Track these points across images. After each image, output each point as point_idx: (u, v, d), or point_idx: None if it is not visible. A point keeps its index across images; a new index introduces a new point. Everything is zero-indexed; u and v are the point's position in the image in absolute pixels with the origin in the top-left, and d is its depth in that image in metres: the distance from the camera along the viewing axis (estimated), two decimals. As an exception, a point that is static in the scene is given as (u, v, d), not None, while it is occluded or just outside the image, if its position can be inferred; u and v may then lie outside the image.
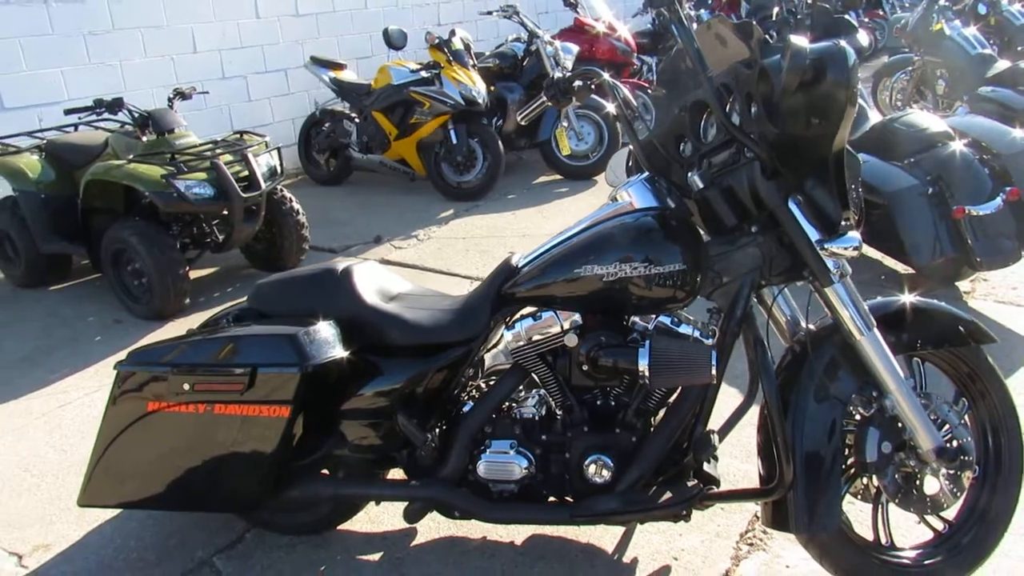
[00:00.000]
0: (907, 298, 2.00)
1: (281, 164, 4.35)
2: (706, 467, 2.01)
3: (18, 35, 5.03)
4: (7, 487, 2.71)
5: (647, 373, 1.84)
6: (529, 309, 2.02)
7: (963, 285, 3.88)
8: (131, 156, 4.01)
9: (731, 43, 1.87)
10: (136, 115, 4.14)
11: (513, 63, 6.33)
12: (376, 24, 7.06)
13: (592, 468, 1.96)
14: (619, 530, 2.26)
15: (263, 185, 4.09)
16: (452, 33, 6.05)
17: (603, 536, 2.25)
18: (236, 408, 1.96)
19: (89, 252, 4.24)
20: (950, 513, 2.03)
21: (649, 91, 6.94)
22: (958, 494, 1.95)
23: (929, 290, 3.78)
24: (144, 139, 4.12)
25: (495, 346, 2.22)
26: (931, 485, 1.93)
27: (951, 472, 1.93)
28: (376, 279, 2.21)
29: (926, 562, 1.97)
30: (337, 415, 2.11)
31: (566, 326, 1.96)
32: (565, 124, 5.23)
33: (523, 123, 2.34)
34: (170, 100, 4.39)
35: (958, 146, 3.63)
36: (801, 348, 1.94)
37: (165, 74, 5.78)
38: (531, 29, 6.03)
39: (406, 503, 2.11)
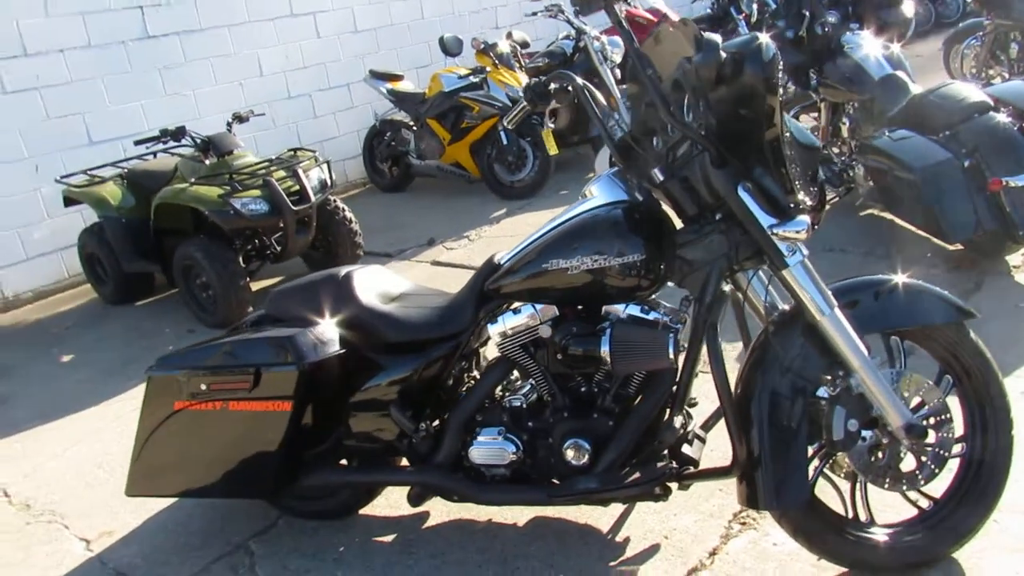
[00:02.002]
0: (883, 277, 2.01)
1: (331, 176, 4.62)
2: (686, 448, 2.09)
3: (101, 75, 5.52)
4: (82, 481, 3.04)
5: (608, 359, 1.94)
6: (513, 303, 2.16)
7: (1013, 259, 3.72)
8: (193, 179, 4.36)
9: (681, 40, 1.94)
10: (198, 141, 4.49)
11: (563, 60, 6.42)
12: (433, 33, 7.28)
13: (571, 451, 2.07)
14: (616, 510, 2.35)
15: (313, 198, 4.36)
16: (509, 35, 6.19)
17: (601, 517, 2.35)
18: (247, 404, 2.18)
19: (164, 269, 4.62)
20: (938, 491, 2.03)
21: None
22: (936, 471, 1.95)
23: (975, 265, 3.66)
24: (207, 162, 4.47)
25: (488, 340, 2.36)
26: (907, 462, 1.95)
27: (930, 450, 1.94)
28: (377, 282, 2.38)
29: (905, 539, 1.98)
30: (347, 408, 2.30)
31: (542, 318, 2.09)
32: (552, 125, 5.25)
33: (510, 127, 2.46)
34: (229, 124, 4.74)
35: (997, 116, 3.51)
36: (776, 328, 1.99)
37: (235, 98, 6.19)
38: (577, 26, 6.11)
39: (408, 488, 2.28)
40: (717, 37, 1.67)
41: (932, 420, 1.94)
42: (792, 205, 1.83)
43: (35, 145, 5.28)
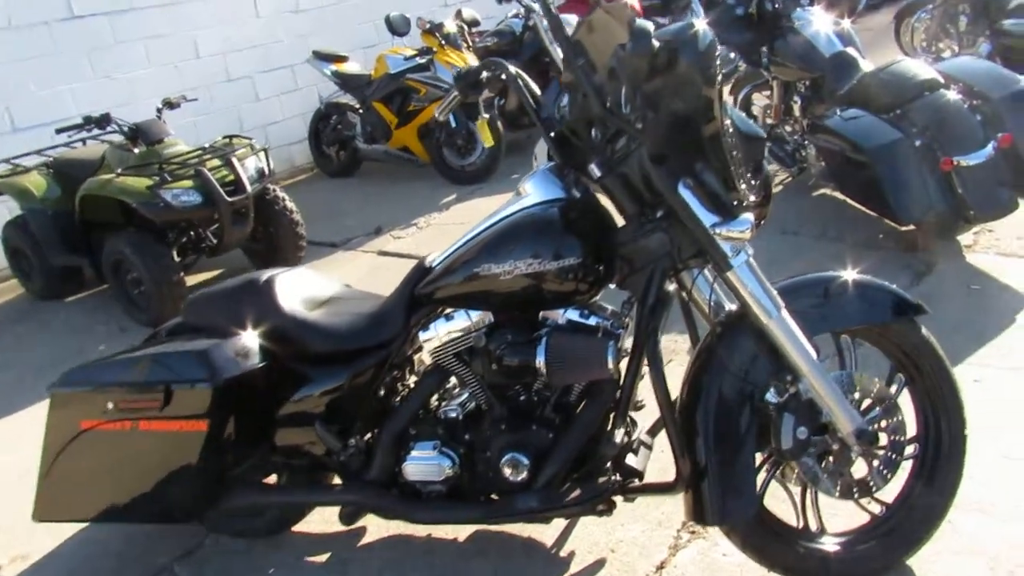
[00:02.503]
0: (831, 274, 1.91)
1: (269, 165, 4.41)
2: (630, 459, 1.98)
3: (24, 58, 5.21)
4: (2, 496, 2.85)
5: (544, 370, 1.82)
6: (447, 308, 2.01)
7: (965, 238, 3.68)
8: (120, 169, 4.12)
9: (615, 26, 1.80)
10: (125, 128, 4.24)
11: (512, 40, 6.25)
12: (380, 12, 6.99)
13: (508, 467, 1.95)
14: (561, 523, 2.24)
15: (249, 188, 4.16)
16: (459, 13, 5.98)
17: (545, 530, 2.24)
18: (158, 424, 2.01)
19: (92, 264, 4.39)
20: (891, 495, 1.95)
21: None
22: (889, 476, 1.87)
23: (928, 247, 3.61)
24: (136, 151, 4.23)
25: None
26: (859, 468, 1.87)
27: (882, 454, 1.86)
28: (303, 286, 2.22)
29: (858, 548, 1.90)
30: (274, 422, 2.15)
31: (476, 325, 1.95)
32: (487, 116, 5.05)
33: (441, 119, 2.31)
34: (159, 110, 4.49)
35: (948, 94, 3.44)
36: (721, 331, 1.88)
37: (171, 82, 5.90)
38: (526, 4, 5.92)
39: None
40: (648, 24, 1.53)
41: (884, 423, 1.86)
42: (735, 202, 1.71)
43: (-48, 135, 4.98)
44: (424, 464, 2.03)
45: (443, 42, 5.57)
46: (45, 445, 2.16)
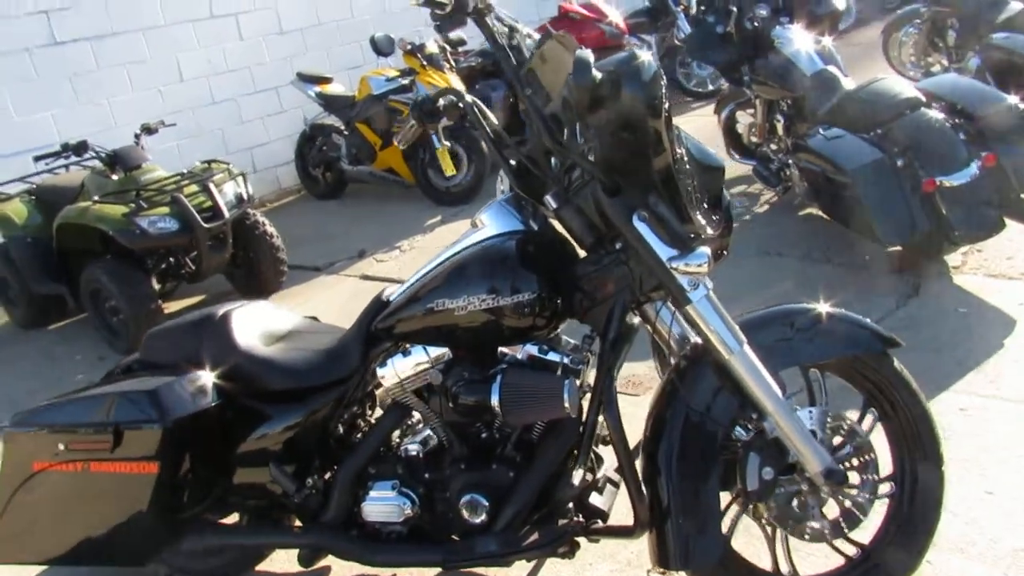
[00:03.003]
0: (798, 306, 1.86)
1: (247, 190, 4.37)
2: (595, 498, 1.92)
3: (4, 84, 5.19)
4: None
5: (498, 410, 1.76)
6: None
7: (953, 259, 3.62)
8: (98, 196, 4.09)
9: (565, 56, 1.75)
10: (103, 155, 4.21)
11: (495, 59, 6.22)
12: (364, 32, 7.00)
13: (466, 509, 1.88)
14: (528, 562, 2.17)
15: (227, 214, 4.11)
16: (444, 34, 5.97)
17: (514, 567, 2.16)
18: (109, 465, 1.95)
19: (71, 292, 4.34)
20: (867, 536, 1.89)
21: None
22: (862, 517, 1.80)
23: (914, 267, 3.55)
24: (114, 177, 4.20)
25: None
26: (829, 508, 1.80)
27: (854, 494, 1.79)
28: (261, 321, 2.17)
29: (831, 591, 1.84)
30: (231, 461, 2.09)
31: (434, 361, 1.89)
32: (448, 143, 5.00)
33: (402, 147, 2.26)
34: (137, 136, 4.46)
35: (929, 112, 3.39)
36: (683, 367, 1.83)
37: (154, 106, 5.87)
38: (509, 24, 5.90)
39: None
40: (589, 55, 1.49)
41: (855, 461, 1.80)
42: (691, 235, 1.66)
43: (-68, 162, 4.95)
44: (382, 504, 1.97)
45: (425, 63, 5.55)
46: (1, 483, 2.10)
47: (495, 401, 1.76)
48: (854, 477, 1.79)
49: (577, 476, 1.81)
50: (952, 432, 2.42)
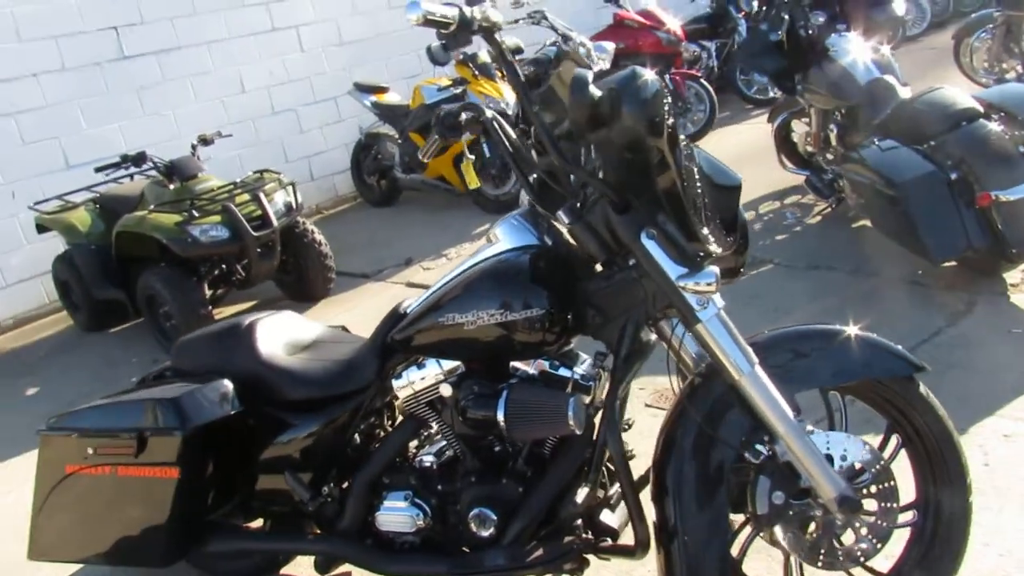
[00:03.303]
0: (819, 327, 1.80)
1: (296, 199, 4.48)
2: (606, 516, 1.90)
3: (76, 98, 5.45)
4: (15, 533, 2.92)
5: (503, 425, 1.76)
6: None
7: (1012, 277, 3.45)
8: (154, 205, 4.25)
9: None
10: (161, 165, 4.38)
11: (548, 68, 6.21)
12: (422, 42, 7.07)
13: (475, 522, 1.89)
14: None
15: (275, 222, 4.23)
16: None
17: (528, 582, 2.16)
18: (135, 470, 2.03)
19: (129, 297, 4.51)
20: (886, 565, 1.81)
21: (701, 79, 6.67)
22: (879, 546, 1.73)
23: (969, 286, 3.40)
24: (171, 187, 4.36)
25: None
26: (846, 536, 1.74)
27: (871, 521, 1.73)
28: (285, 331, 2.22)
29: (847, 621, 1.77)
30: (256, 466, 2.15)
31: (447, 375, 1.91)
32: (471, 158, 5.02)
33: (426, 161, 2.28)
34: (193, 147, 4.62)
35: (988, 124, 3.25)
36: (695, 386, 1.79)
37: (216, 117, 6.08)
38: (562, 32, 5.90)
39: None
40: (587, 74, 1.48)
41: (873, 488, 1.73)
42: (701, 254, 1.62)
43: (11, 171, 5.23)
44: (395, 514, 1.99)
45: (476, 72, 5.59)
46: (36, 486, 2.20)
47: (500, 416, 1.76)
48: (871, 505, 1.72)
49: (582, 494, 1.79)
50: (993, 459, 2.31)
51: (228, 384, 2.07)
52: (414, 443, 2.08)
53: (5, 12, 5.07)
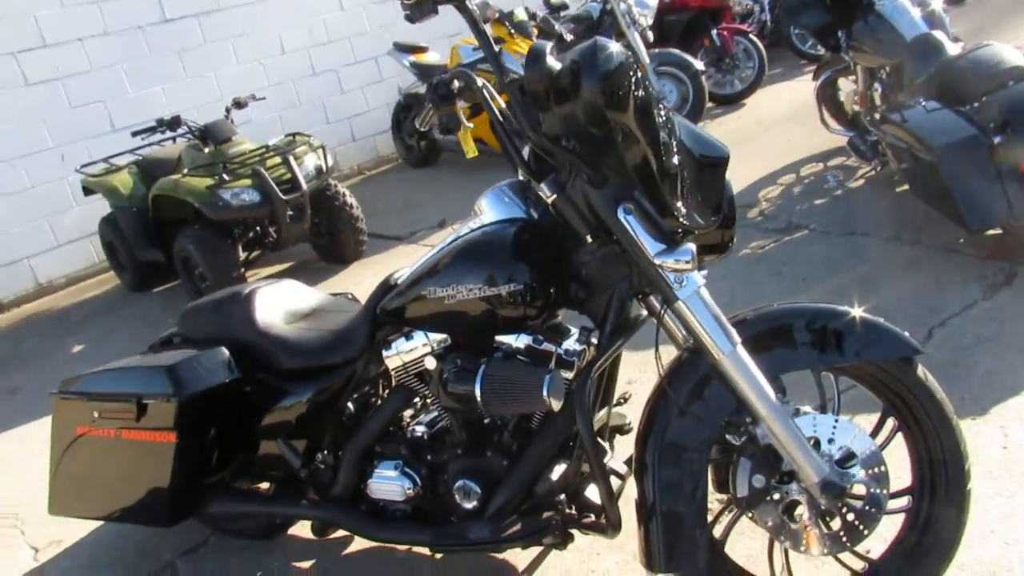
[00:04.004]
0: (808, 305, 1.73)
1: (327, 162, 4.50)
2: (591, 492, 1.88)
3: (120, 62, 5.56)
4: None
5: (479, 400, 1.75)
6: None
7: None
8: (187, 169, 4.33)
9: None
10: (195, 129, 4.44)
11: (590, 26, 6.07)
12: None
13: (459, 493, 1.90)
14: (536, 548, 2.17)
15: (304, 186, 4.26)
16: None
17: (520, 553, 2.17)
18: (136, 434, 2.09)
19: (167, 259, 4.63)
20: (877, 550, 1.76)
21: (749, 35, 6.43)
22: (866, 532, 1.68)
23: (1011, 255, 3.23)
24: (206, 150, 4.43)
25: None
26: (833, 521, 1.69)
27: (858, 506, 1.67)
28: (285, 299, 2.24)
29: (830, 607, 1.73)
30: (257, 432, 2.20)
31: (434, 347, 1.90)
32: (471, 125, 4.90)
33: (423, 129, 2.25)
34: (227, 110, 4.67)
35: (1036, 82, 3.04)
36: (677, 364, 1.75)
37: (257, 79, 6.13)
38: (603, -11, 5.75)
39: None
40: (544, 45, 1.42)
41: (862, 473, 1.67)
42: (678, 231, 1.57)
43: (59, 135, 5.38)
44: (386, 483, 2.01)
45: (512, 31, 5.49)
46: (51, 446, 2.30)
47: (477, 391, 1.75)
48: (859, 489, 1.66)
49: (559, 470, 1.78)
50: (1013, 441, 2.21)
51: (225, 352, 2.10)
52: (409, 412, 2.09)
53: (49, -23, 5.18)
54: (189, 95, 5.79)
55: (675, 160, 1.57)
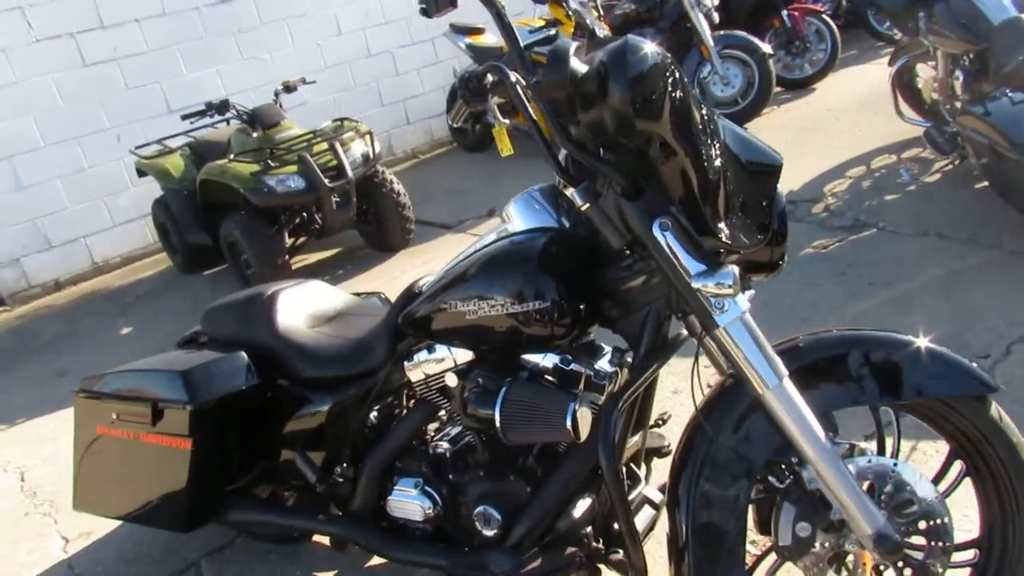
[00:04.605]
0: (869, 333, 1.55)
1: (374, 148, 4.41)
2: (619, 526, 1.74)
3: (176, 42, 5.56)
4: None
5: (499, 426, 1.62)
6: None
7: None
8: (234, 153, 4.29)
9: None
10: (244, 114, 4.40)
11: (652, 6, 5.83)
12: (522, -21, 6.85)
13: (480, 520, 1.78)
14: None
15: (350, 173, 4.18)
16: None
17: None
18: (154, 437, 2.03)
19: (215, 243, 4.62)
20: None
21: (822, 15, 6.10)
22: (925, 588, 1.50)
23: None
24: (254, 135, 4.39)
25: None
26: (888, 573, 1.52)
27: (919, 560, 1.50)
28: (307, 302, 2.15)
29: (880, 668, 1.56)
30: (278, 439, 2.12)
31: (456, 362, 1.78)
32: (507, 121, 4.73)
33: (455, 125, 2.12)
34: (276, 94, 4.61)
35: None
36: (716, 394, 1.59)
37: (312, 60, 6.08)
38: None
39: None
40: (569, 45, 1.27)
41: (922, 524, 1.49)
42: (719, 251, 1.41)
43: (116, 115, 5.43)
44: (405, 500, 1.91)
45: (570, 12, 5.29)
46: (74, 443, 2.27)
47: (496, 415, 1.62)
48: (918, 541, 1.49)
49: (585, 501, 1.64)
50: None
51: (243, 357, 2.03)
52: (434, 426, 1.98)
53: (108, -41, 5.20)
54: (244, 77, 5.78)
55: (717, 170, 1.41)
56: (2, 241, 5.16)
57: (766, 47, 5.50)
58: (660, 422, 2.00)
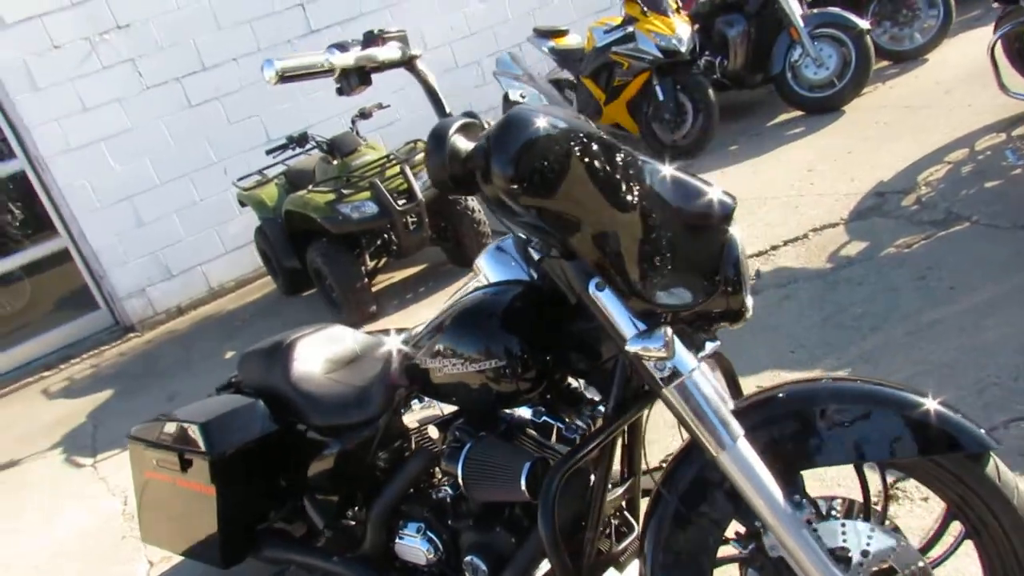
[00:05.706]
0: (839, 384, 1.44)
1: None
2: (612, 573, 1.71)
3: (271, 74, 5.85)
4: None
5: (462, 483, 1.62)
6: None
7: None
8: (320, 179, 4.50)
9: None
10: (323, 144, 4.59)
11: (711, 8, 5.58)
12: (608, -25, 6.73)
13: (468, 569, 1.79)
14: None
15: (420, 195, 4.27)
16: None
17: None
18: (185, 483, 2.18)
19: (304, 269, 4.86)
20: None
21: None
22: (910, 665, 1.37)
23: None
24: (334, 163, 4.58)
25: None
26: (870, 646, 1.40)
27: (904, 632, 1.37)
28: (324, 348, 2.23)
29: None
30: (301, 480, 2.22)
31: (442, 413, 1.81)
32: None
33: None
34: (353, 121, 4.77)
35: None
36: (684, 450, 1.52)
37: (400, 77, 6.19)
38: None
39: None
40: (449, 123, 1.24)
41: (908, 592, 1.36)
42: (656, 312, 1.34)
43: (221, 149, 5.81)
44: (409, 545, 1.95)
45: (645, 9, 5.14)
46: (134, 483, 2.47)
47: (459, 473, 1.62)
48: (904, 613, 1.36)
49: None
50: None
51: (261, 406, 2.13)
52: (431, 474, 2.01)
53: (203, 5, 5.55)
54: (336, 102, 6.01)
55: (641, 230, 1.33)
56: (129, 274, 5.66)
57: (863, 23, 5.11)
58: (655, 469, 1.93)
